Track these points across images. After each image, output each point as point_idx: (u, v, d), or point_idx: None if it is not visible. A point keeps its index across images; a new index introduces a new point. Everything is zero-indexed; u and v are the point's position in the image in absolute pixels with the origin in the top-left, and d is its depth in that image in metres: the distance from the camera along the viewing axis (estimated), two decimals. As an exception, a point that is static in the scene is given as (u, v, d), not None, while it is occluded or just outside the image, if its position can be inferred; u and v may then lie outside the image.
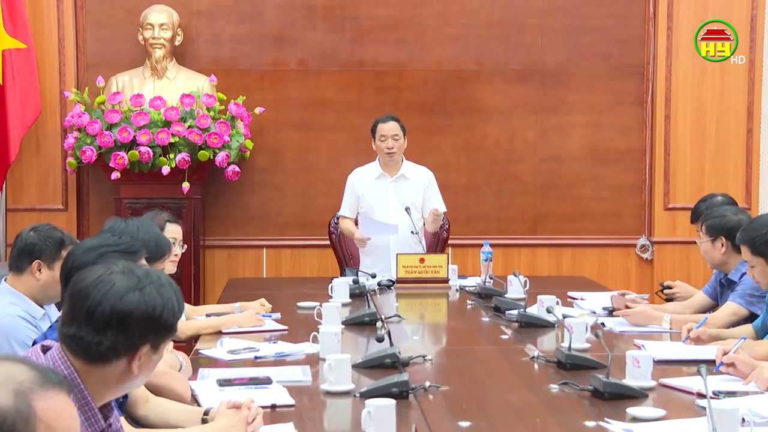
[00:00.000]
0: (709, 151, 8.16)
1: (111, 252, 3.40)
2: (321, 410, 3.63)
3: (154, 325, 2.54)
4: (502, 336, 4.90)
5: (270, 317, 5.24)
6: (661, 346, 4.59)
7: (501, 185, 8.28)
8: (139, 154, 7.35)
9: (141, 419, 3.29)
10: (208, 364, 4.25)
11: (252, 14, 8.11)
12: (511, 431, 3.36)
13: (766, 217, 4.74)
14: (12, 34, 7.55)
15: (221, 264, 8.12)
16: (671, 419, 3.41)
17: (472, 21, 8.19)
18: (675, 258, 8.11)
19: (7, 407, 1.80)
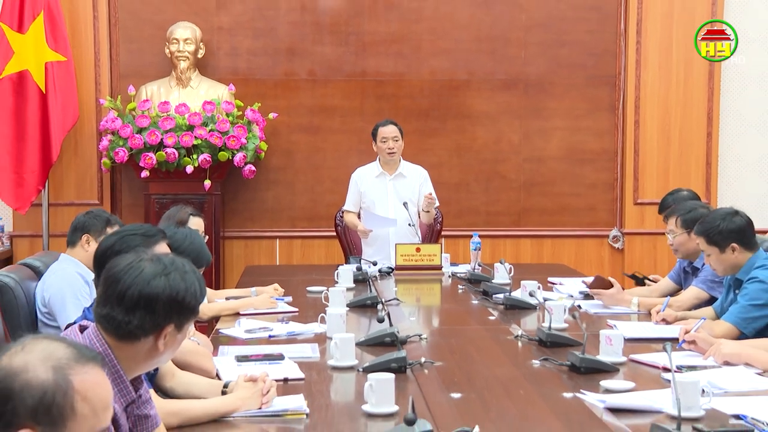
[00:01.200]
0: (673, 152, 8.18)
1: (130, 235, 3.42)
2: (328, 383, 3.64)
3: (178, 307, 2.56)
4: (490, 317, 4.91)
5: (282, 300, 5.25)
6: (630, 326, 4.61)
7: (488, 182, 8.28)
8: (165, 154, 7.37)
9: (168, 391, 3.30)
10: (227, 342, 4.27)
11: (266, 30, 8.11)
12: (497, 402, 3.37)
13: (720, 212, 4.75)
14: (53, 48, 7.57)
15: (239, 253, 8.12)
16: (640, 390, 3.42)
17: (463, 36, 8.19)
18: (643, 247, 8.12)
19: (47, 381, 1.81)
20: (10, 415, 1.79)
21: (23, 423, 1.79)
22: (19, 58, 7.54)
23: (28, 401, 1.79)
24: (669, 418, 3.00)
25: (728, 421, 3.07)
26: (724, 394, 3.38)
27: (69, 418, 1.83)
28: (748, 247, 4.60)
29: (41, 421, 1.80)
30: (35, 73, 7.56)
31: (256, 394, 3.18)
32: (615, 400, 3.29)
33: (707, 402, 3.16)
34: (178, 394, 3.30)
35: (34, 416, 1.80)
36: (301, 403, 3.22)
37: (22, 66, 7.56)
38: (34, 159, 7.57)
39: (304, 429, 3.04)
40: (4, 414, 1.79)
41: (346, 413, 3.26)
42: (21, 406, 1.79)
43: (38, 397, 1.80)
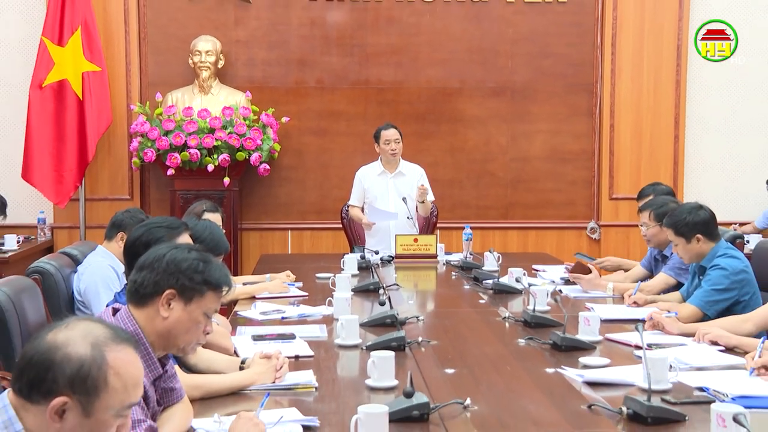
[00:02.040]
0: (644, 153, 8.19)
1: (156, 227, 3.43)
2: (335, 360, 3.63)
3: (177, 271, 2.56)
4: (480, 300, 4.90)
5: (294, 285, 5.25)
6: (606, 308, 4.60)
7: (479, 180, 8.28)
8: (189, 154, 7.38)
9: (191, 367, 3.30)
10: (244, 323, 4.27)
11: (279, 42, 8.10)
12: (487, 377, 3.36)
13: (686, 206, 4.75)
14: (89, 59, 7.59)
15: (255, 243, 8.12)
16: (614, 366, 3.43)
17: (456, 48, 8.18)
18: (617, 238, 8.12)
19: (85, 355, 1.83)
20: (50, 383, 1.81)
21: (61, 391, 1.81)
22: (59, 68, 7.58)
23: (67, 371, 1.81)
24: (640, 391, 2.99)
25: (692, 393, 3.08)
26: (689, 369, 3.39)
27: (102, 389, 1.84)
28: (712, 237, 4.61)
29: (77, 391, 1.81)
30: (73, 82, 7.59)
31: (270, 370, 3.18)
32: (592, 374, 3.30)
33: (674, 376, 3.17)
34: (201, 369, 3.30)
35: (71, 385, 1.81)
36: (310, 377, 3.22)
37: (62, 76, 7.59)
38: (72, 159, 7.60)
39: (313, 401, 3.03)
40: (45, 381, 1.81)
41: (351, 387, 3.26)
42: (60, 375, 1.81)
43: (76, 368, 1.82)
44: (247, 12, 8.08)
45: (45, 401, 1.81)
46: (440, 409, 2.82)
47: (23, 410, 1.84)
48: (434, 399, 2.89)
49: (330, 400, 3.04)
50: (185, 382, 2.88)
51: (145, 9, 7.99)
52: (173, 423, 2.64)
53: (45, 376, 1.81)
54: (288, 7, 8.09)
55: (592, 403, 2.96)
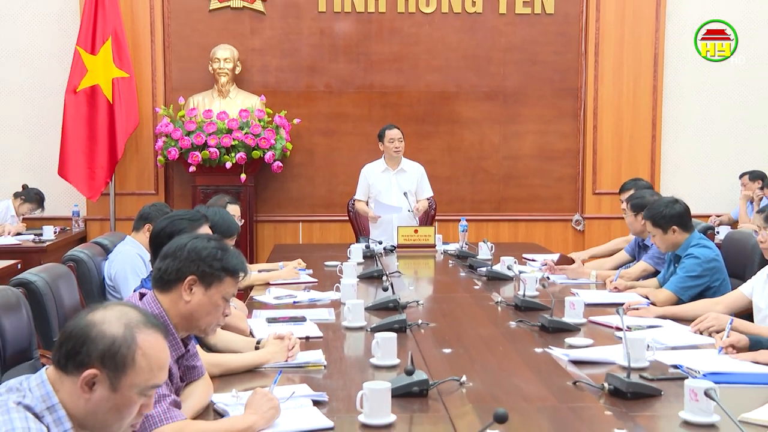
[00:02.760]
0: (624, 151, 8.19)
1: (179, 219, 3.44)
2: (342, 341, 3.63)
3: (198, 259, 2.56)
4: (475, 286, 4.89)
5: (305, 272, 5.24)
6: (590, 294, 4.60)
7: (474, 176, 8.27)
8: (209, 153, 7.39)
9: (211, 346, 3.30)
10: (259, 307, 4.27)
11: (291, 50, 8.09)
12: (481, 356, 3.36)
13: (663, 200, 4.75)
14: (118, 66, 7.62)
15: (269, 234, 8.12)
16: (597, 346, 3.43)
17: (452, 56, 8.16)
18: (600, 229, 8.11)
19: (117, 334, 1.86)
20: (84, 356, 1.84)
21: (93, 364, 1.84)
22: (92, 75, 7.60)
23: (99, 346, 1.84)
24: (620, 368, 2.99)
25: (668, 370, 3.09)
26: (664, 348, 3.40)
27: (129, 367, 1.85)
28: (686, 229, 4.60)
29: (107, 365, 1.84)
30: (104, 87, 7.61)
31: (283, 349, 3.18)
32: (577, 354, 3.30)
33: (651, 355, 3.18)
34: (220, 349, 3.30)
35: (101, 360, 1.84)
36: (320, 356, 3.23)
37: (94, 81, 7.61)
38: (103, 157, 7.63)
39: (322, 378, 3.03)
40: (80, 354, 1.84)
41: (357, 365, 3.26)
42: (93, 350, 1.84)
43: (108, 344, 1.84)
44: (262, 23, 8.07)
45: (78, 372, 1.84)
46: (438, 385, 2.81)
47: (59, 383, 1.86)
48: (433, 376, 2.88)
49: (338, 377, 3.04)
50: (206, 360, 2.88)
51: (169, 20, 7.98)
52: (195, 397, 2.65)
53: (80, 349, 1.84)
54: (299, 18, 8.07)
55: (576, 380, 2.96)
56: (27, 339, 3.43)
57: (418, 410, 2.66)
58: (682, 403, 2.60)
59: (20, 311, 3.41)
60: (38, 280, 3.89)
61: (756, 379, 3.04)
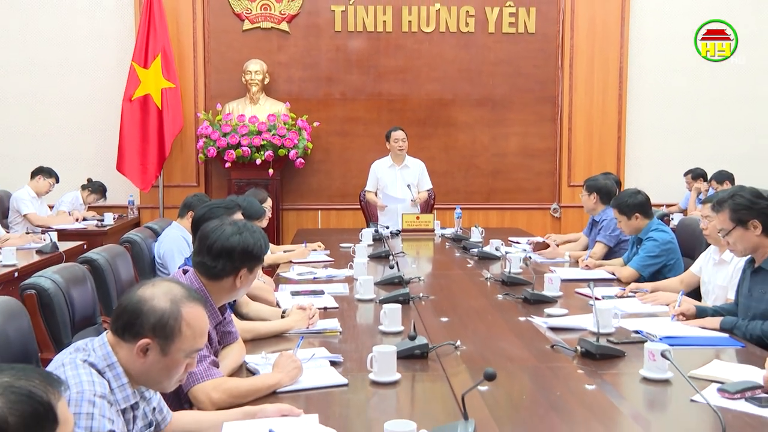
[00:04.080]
0: (594, 150, 8.17)
1: (216, 207, 3.45)
2: (355, 311, 3.62)
3: (249, 256, 2.56)
4: (468, 265, 4.88)
5: (323, 253, 5.24)
6: (564, 271, 4.58)
7: (467, 171, 8.24)
8: (242, 151, 7.39)
9: (244, 315, 3.30)
10: (284, 282, 4.27)
11: (312, 64, 8.07)
12: (473, 324, 3.35)
13: (628, 191, 4.76)
14: (166, 78, 7.63)
15: (293, 220, 8.11)
16: (572, 315, 3.42)
17: (449, 68, 8.13)
18: (574, 217, 8.09)
19: (165, 308, 1.88)
20: (138, 327, 1.87)
21: (146, 334, 1.87)
22: (144, 85, 7.61)
23: (151, 320, 1.87)
24: (591, 334, 2.98)
25: (630, 335, 3.08)
26: (627, 315, 3.40)
27: (176, 335, 1.88)
28: (647, 215, 4.61)
29: (158, 335, 1.87)
30: (154, 96, 7.61)
31: (304, 318, 3.18)
32: (554, 321, 3.29)
33: (617, 322, 3.18)
34: (251, 317, 3.30)
35: (153, 330, 1.87)
36: (336, 324, 3.22)
37: (146, 91, 7.61)
38: (153, 155, 7.64)
39: (338, 342, 3.02)
40: (135, 326, 1.87)
41: (367, 331, 3.24)
42: (146, 322, 1.87)
43: (158, 318, 1.87)
44: (287, 41, 8.05)
45: (134, 341, 1.87)
46: (436, 348, 2.80)
47: (117, 347, 1.90)
48: (432, 341, 2.87)
49: (351, 342, 3.04)
50: (239, 327, 2.88)
51: (208, 39, 7.97)
52: (230, 358, 2.64)
53: (135, 322, 1.87)
54: (318, 37, 8.05)
55: (553, 344, 2.95)
56: (91, 307, 3.45)
57: (420, 370, 2.65)
58: (642, 363, 2.60)
59: (86, 284, 3.44)
60: (100, 258, 3.91)
61: (703, 341, 3.06)
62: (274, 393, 2.40)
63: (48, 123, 7.94)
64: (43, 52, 7.88)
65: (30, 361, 2.66)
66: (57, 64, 7.89)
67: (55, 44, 7.88)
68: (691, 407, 2.31)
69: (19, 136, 7.93)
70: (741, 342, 3.03)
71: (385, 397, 2.43)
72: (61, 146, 7.92)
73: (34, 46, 7.87)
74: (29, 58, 7.88)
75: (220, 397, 2.32)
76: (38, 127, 7.94)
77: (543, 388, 2.50)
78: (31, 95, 7.91)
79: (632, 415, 2.31)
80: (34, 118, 7.93)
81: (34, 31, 7.87)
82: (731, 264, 3.71)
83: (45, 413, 1.25)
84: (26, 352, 2.66)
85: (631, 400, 2.47)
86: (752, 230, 3.16)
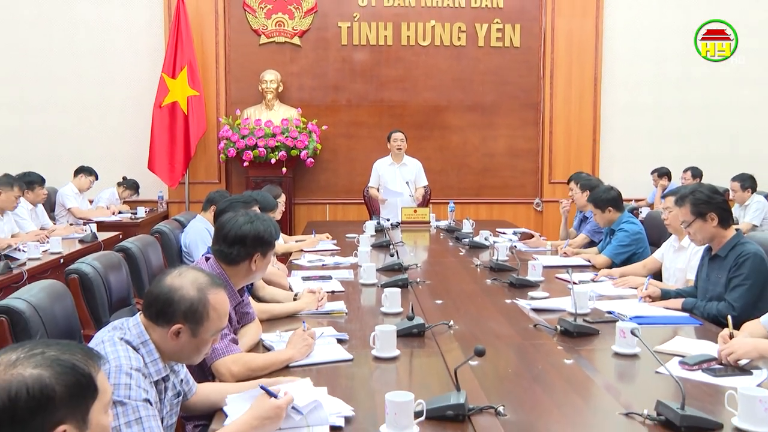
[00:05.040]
0: (572, 151, 8.13)
1: (236, 201, 3.45)
2: (359, 294, 3.61)
3: (260, 241, 2.56)
4: (460, 253, 4.88)
5: (331, 242, 5.23)
6: (546, 258, 4.56)
7: (459, 169, 8.22)
8: (258, 152, 7.38)
9: (260, 298, 3.30)
10: (296, 268, 4.27)
11: (321, 74, 8.04)
12: (464, 305, 3.34)
13: (603, 187, 4.81)
14: (192, 87, 7.59)
15: (304, 213, 8.08)
16: (552, 297, 3.41)
17: (443, 78, 8.09)
18: (555, 210, 7.96)
19: (194, 296, 1.89)
20: (171, 314, 1.88)
21: (178, 320, 1.89)
22: (172, 94, 7.58)
23: (182, 307, 1.88)
24: (569, 314, 2.97)
25: (604, 315, 3.08)
26: (600, 298, 3.40)
27: (205, 319, 1.90)
28: (618, 209, 4.62)
29: (188, 320, 1.89)
30: (181, 103, 7.58)
31: (314, 300, 3.18)
32: (537, 303, 3.29)
33: (592, 304, 3.18)
34: (267, 300, 3.30)
35: (184, 317, 1.89)
36: (342, 306, 3.21)
37: (174, 99, 7.59)
38: (180, 155, 7.62)
39: (344, 322, 3.02)
40: (167, 313, 1.88)
41: (370, 312, 3.23)
42: (177, 310, 1.88)
43: (188, 305, 1.89)
44: (299, 53, 8.01)
45: (167, 326, 1.89)
46: (432, 328, 2.80)
47: (150, 328, 1.91)
48: (428, 321, 2.87)
49: (356, 322, 3.03)
50: (256, 308, 2.88)
51: (229, 52, 7.94)
52: (248, 336, 2.64)
53: (167, 310, 1.88)
54: (327, 50, 8.02)
55: (536, 323, 2.95)
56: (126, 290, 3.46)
57: (417, 347, 2.65)
58: (614, 339, 2.61)
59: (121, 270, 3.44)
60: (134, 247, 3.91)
61: (666, 320, 3.08)
62: (287, 367, 2.40)
63: (88, 127, 7.93)
64: (84, 64, 7.87)
65: (74, 337, 2.68)
66: (96, 75, 7.88)
67: (94, 58, 7.87)
68: (656, 378, 2.32)
69: (63, 139, 7.93)
70: (699, 320, 3.06)
71: (386, 371, 2.42)
72: (99, 148, 7.90)
73: (76, 59, 7.87)
74: (72, 70, 7.87)
75: (239, 370, 2.33)
76: (80, 130, 7.93)
77: (526, 363, 2.50)
78: (73, 103, 7.90)
79: (605, 385, 2.32)
80: (76, 123, 7.93)
81: (77, 47, 7.86)
82: (689, 249, 3.78)
83: (86, 383, 1.27)
84: (70, 329, 2.68)
85: (603, 372, 2.47)
86: (710, 222, 3.22)
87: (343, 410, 1.99)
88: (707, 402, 2.09)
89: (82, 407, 1.26)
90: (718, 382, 2.25)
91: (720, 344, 2.45)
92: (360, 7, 8.00)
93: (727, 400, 1.98)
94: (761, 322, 2.67)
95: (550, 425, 1.98)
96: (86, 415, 1.26)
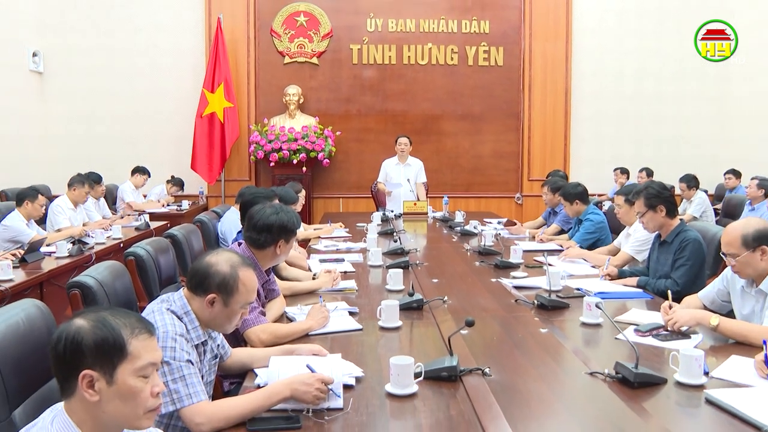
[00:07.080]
0: (547, 152, 8.10)
1: (259, 195, 3.43)
2: (368, 274, 3.60)
3: (284, 230, 2.55)
4: (453, 239, 4.85)
5: (344, 231, 5.21)
6: (524, 244, 4.53)
7: (453, 168, 8.18)
8: (282, 154, 7.38)
9: (284, 277, 3.29)
10: (314, 252, 4.25)
11: (335, 88, 8.01)
12: (457, 284, 3.32)
13: (571, 184, 4.80)
14: (227, 99, 7.58)
15: (321, 206, 8.06)
16: (531, 277, 3.39)
17: (439, 92, 8.05)
18: (533, 204, 8.03)
19: (226, 271, 1.88)
20: (206, 286, 1.87)
21: (212, 290, 1.87)
22: (211, 106, 7.58)
23: (216, 280, 1.87)
24: (545, 291, 2.94)
25: (573, 291, 3.06)
26: (570, 277, 3.39)
27: (235, 291, 1.88)
28: (585, 202, 4.61)
29: (221, 291, 1.87)
30: (218, 113, 7.58)
31: (330, 279, 3.17)
32: (517, 282, 3.27)
33: (563, 282, 3.16)
34: (289, 279, 3.29)
35: (218, 288, 1.87)
36: (353, 284, 3.21)
37: (212, 110, 7.58)
38: (217, 157, 7.62)
39: (355, 298, 3.01)
40: (203, 284, 1.87)
41: (377, 289, 3.22)
42: (212, 282, 1.87)
43: (221, 278, 1.87)
44: (317, 71, 7.98)
45: (204, 295, 1.88)
46: (429, 303, 2.79)
47: (191, 299, 1.90)
48: (426, 296, 2.86)
49: (365, 297, 3.02)
50: (281, 286, 2.88)
51: (258, 70, 7.91)
52: (274, 309, 2.64)
53: (204, 281, 1.87)
54: (341, 68, 7.98)
55: (517, 299, 2.93)
56: (173, 269, 3.45)
57: (416, 318, 2.64)
58: (581, 312, 2.60)
59: (168, 253, 3.43)
60: (179, 234, 3.89)
61: (624, 295, 3.08)
62: (307, 335, 2.40)
63: (142, 134, 7.94)
64: (140, 83, 7.87)
65: (131, 308, 2.69)
66: (148, 90, 7.87)
67: (147, 77, 7.87)
68: (616, 343, 2.33)
69: (121, 143, 7.93)
70: (651, 295, 3.07)
71: (390, 339, 2.41)
72: (151, 151, 7.90)
73: (131, 77, 7.86)
74: (129, 85, 7.87)
75: (267, 338, 2.33)
76: (135, 137, 7.94)
77: (509, 332, 2.49)
78: (130, 114, 7.90)
79: (574, 350, 2.30)
80: (133, 130, 7.93)
81: (134, 68, 7.86)
82: (633, 236, 3.84)
83: (113, 342, 1.26)
84: (128, 301, 2.70)
85: (573, 339, 2.45)
86: (659, 213, 3.26)
87: (354, 372, 1.99)
88: (655, 362, 2.11)
89: (107, 362, 1.24)
90: (664, 345, 2.29)
91: (662, 314, 2.48)
92: (369, 32, 7.97)
93: (671, 359, 2.02)
94: (698, 296, 2.75)
95: (528, 383, 1.97)
96: (113, 371, 1.25)
